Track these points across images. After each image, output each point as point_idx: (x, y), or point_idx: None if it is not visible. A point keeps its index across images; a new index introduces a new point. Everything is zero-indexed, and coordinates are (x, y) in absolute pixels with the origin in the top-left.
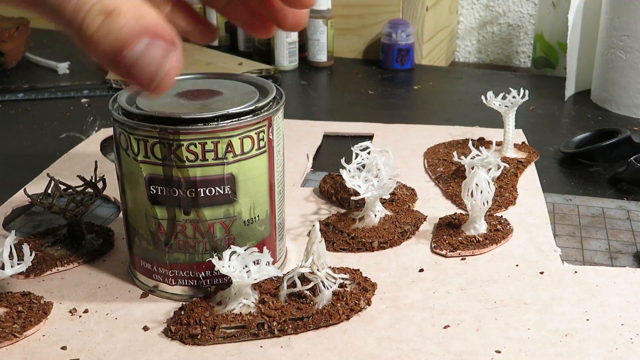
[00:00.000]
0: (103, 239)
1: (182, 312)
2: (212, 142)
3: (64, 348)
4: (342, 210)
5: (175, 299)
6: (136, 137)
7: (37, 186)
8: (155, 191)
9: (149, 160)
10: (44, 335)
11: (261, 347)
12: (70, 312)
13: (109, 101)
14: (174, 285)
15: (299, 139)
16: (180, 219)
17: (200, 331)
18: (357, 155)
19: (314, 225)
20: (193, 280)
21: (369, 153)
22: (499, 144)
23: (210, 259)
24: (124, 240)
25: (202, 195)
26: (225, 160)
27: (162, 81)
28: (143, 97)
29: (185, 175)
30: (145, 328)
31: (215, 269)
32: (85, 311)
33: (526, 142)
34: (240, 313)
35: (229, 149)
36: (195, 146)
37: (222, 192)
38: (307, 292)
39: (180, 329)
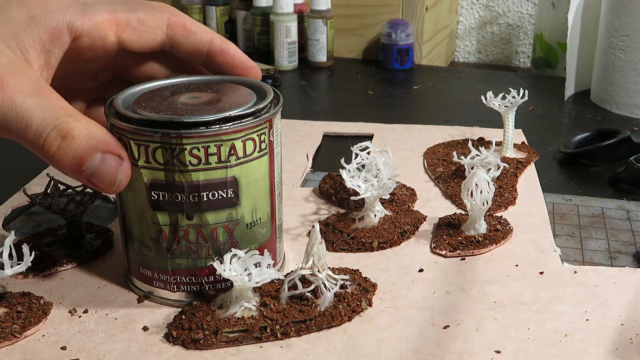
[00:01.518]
0: (102, 239)
1: (183, 317)
2: (215, 145)
3: (63, 348)
4: (342, 211)
5: (177, 305)
6: (136, 142)
7: (36, 186)
8: (157, 197)
9: (150, 165)
10: (43, 336)
11: (261, 347)
12: (70, 312)
13: (104, 106)
14: (176, 291)
15: (298, 139)
16: (182, 224)
17: (203, 336)
18: (356, 155)
19: (313, 227)
20: (196, 286)
21: (368, 153)
22: (498, 144)
23: (213, 263)
24: None
25: (205, 199)
26: (228, 163)
27: (120, 185)
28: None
29: (188, 179)
30: (145, 328)
31: (217, 273)
32: (85, 311)
33: (526, 142)
34: (242, 317)
35: (232, 151)
36: (199, 150)
37: (225, 195)
38: (309, 294)
39: (182, 333)
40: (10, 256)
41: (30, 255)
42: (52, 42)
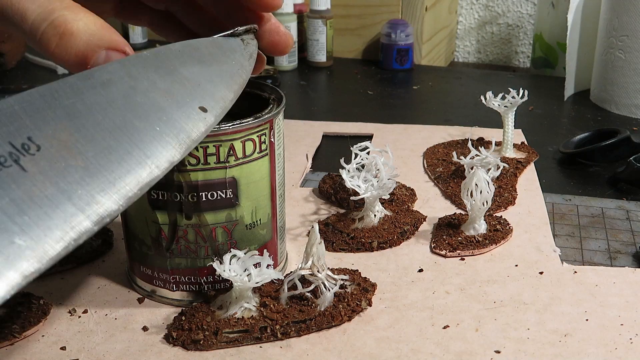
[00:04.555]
0: (102, 240)
1: (183, 318)
2: (213, 145)
3: (63, 348)
4: (342, 211)
5: (176, 304)
6: None
7: None
8: (156, 196)
9: None
10: (43, 336)
11: (260, 347)
12: (70, 312)
13: None
14: (175, 290)
15: (298, 139)
16: (181, 224)
17: (203, 336)
18: (356, 155)
19: (313, 227)
20: (195, 286)
21: (368, 153)
22: (498, 144)
23: (212, 263)
24: (123, 241)
25: (204, 199)
26: (227, 164)
27: None
28: None
29: (187, 179)
30: (145, 328)
31: (217, 273)
32: (85, 311)
33: (525, 142)
34: (242, 317)
35: (231, 152)
36: (197, 150)
37: (224, 196)
38: (308, 294)
39: (182, 334)
40: None
41: None
42: None
